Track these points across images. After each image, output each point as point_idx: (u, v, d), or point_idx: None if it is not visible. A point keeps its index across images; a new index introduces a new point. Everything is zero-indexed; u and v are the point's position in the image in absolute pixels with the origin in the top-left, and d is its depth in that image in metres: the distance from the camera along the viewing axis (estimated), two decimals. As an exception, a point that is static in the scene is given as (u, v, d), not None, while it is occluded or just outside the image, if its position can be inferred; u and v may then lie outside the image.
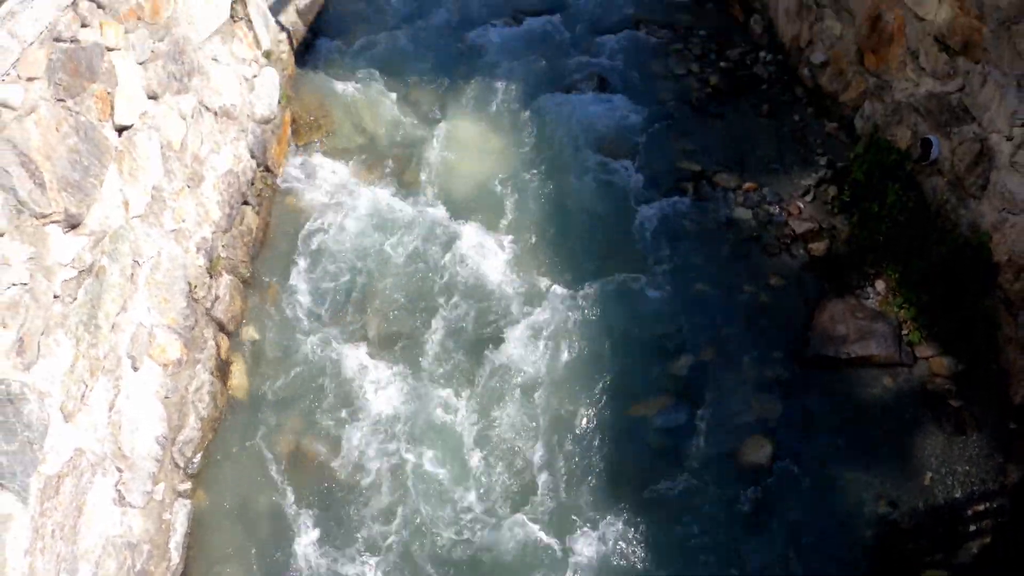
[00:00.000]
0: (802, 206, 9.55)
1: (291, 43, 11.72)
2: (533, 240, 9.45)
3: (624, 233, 9.44)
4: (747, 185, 9.92)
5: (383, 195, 10.00)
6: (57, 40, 6.12)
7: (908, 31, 9.07)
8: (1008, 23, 7.42)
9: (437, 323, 8.63)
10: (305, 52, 12.33)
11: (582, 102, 11.33)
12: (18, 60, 5.60)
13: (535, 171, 10.30)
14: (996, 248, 7.36)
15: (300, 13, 12.44)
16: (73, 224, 6.14)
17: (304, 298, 8.95)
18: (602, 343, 8.33)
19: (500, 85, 11.72)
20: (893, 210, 8.58)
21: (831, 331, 8.12)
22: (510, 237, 9.44)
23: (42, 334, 5.63)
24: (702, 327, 8.46)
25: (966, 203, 7.85)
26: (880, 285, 8.48)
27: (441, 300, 8.80)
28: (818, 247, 9.08)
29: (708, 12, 14.19)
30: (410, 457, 7.58)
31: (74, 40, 6.34)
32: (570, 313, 8.53)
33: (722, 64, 12.36)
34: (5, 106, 5.44)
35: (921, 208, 8.44)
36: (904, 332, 8.00)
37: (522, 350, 8.31)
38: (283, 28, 11.56)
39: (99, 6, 6.84)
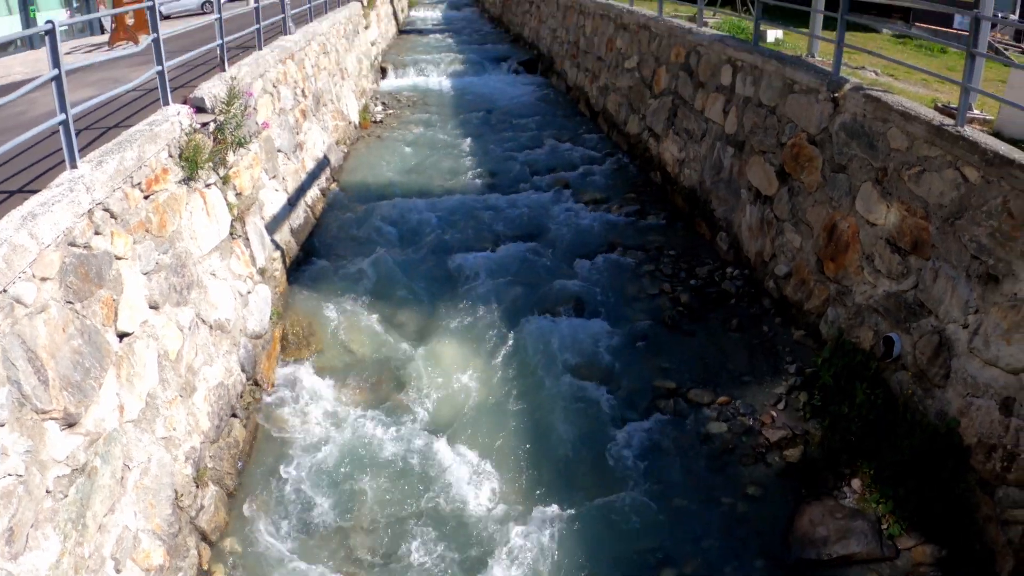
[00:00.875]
0: (775, 415, 9.75)
1: (284, 261, 12.31)
2: (513, 463, 9.47)
3: (603, 454, 9.48)
4: (721, 399, 10.14)
5: (368, 415, 10.08)
6: (72, 245, 6.55)
7: (862, 237, 9.75)
8: (951, 219, 8.08)
9: (420, 547, 8.48)
10: (297, 270, 12.91)
11: (560, 325, 11.74)
12: (34, 260, 5.98)
13: (516, 395, 10.47)
14: (965, 432, 7.58)
15: (294, 232, 13.15)
16: (70, 423, 6.27)
17: (287, 514, 8.83)
18: (584, 563, 8.16)
19: (481, 309, 12.17)
20: (862, 409, 8.80)
21: (811, 534, 8.11)
22: (491, 460, 9.45)
23: (32, 526, 5.63)
24: (683, 541, 8.34)
25: (931, 393, 8.15)
26: (856, 483, 8.54)
27: (424, 523, 8.68)
28: (793, 453, 9.19)
29: (677, 232, 15.10)
30: None
31: (87, 246, 6.78)
32: (551, 535, 8.39)
33: (692, 282, 13.03)
34: (18, 302, 5.74)
35: (889, 403, 8.71)
36: (884, 526, 8.00)
37: (505, 574, 8.21)
38: (277, 246, 12.19)
39: (112, 216, 7.35)
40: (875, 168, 9.72)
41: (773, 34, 15.99)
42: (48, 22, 6.92)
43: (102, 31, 25.59)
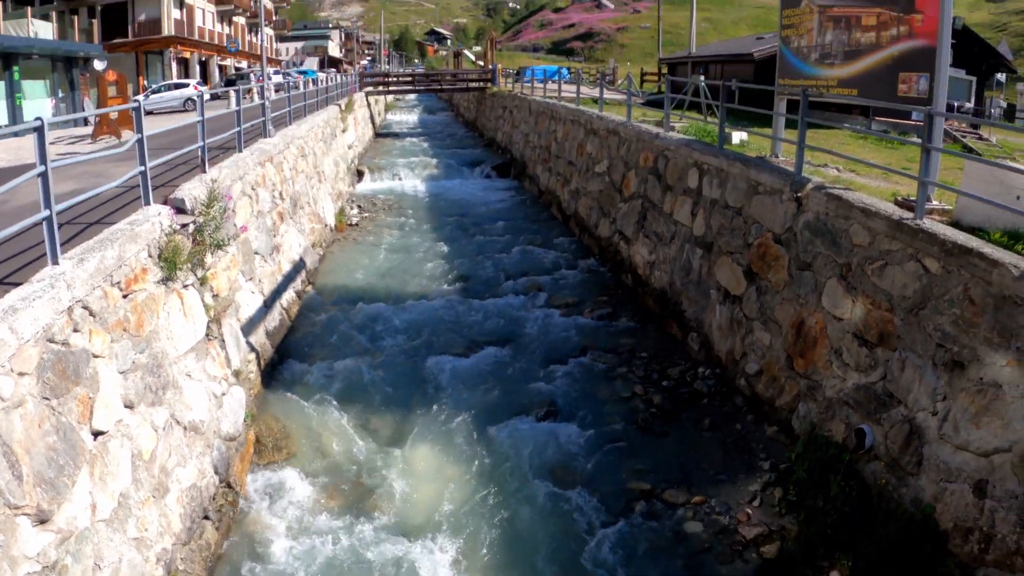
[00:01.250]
0: (750, 512, 9.73)
1: (259, 363, 12.31)
2: (489, 569, 9.33)
3: (578, 558, 9.38)
4: (696, 499, 10.11)
5: (342, 521, 9.96)
6: (50, 341, 6.59)
7: (829, 332, 9.96)
8: (915, 310, 8.33)
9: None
10: (271, 372, 12.88)
11: (534, 430, 11.74)
12: (13, 355, 6.01)
13: (489, 500, 10.40)
14: (941, 517, 7.64)
15: (269, 334, 13.17)
16: (43, 519, 6.20)
17: (259, 622, 8.72)
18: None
19: (455, 414, 12.15)
20: (838, 502, 8.86)
21: (792, 629, 8.11)
22: (467, 566, 9.30)
23: (0, 624, 5.53)
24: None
25: (905, 481, 8.23)
26: (835, 576, 8.57)
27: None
28: (770, 549, 9.15)
29: (649, 333, 15.24)
30: None
31: (65, 343, 6.82)
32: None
33: (664, 383, 13.12)
34: (-4, 396, 5.77)
35: (864, 494, 8.77)
36: (865, 617, 8.00)
37: None
38: (252, 348, 12.20)
39: (91, 314, 7.41)
40: (839, 264, 10.01)
41: (738, 136, 16.56)
42: (37, 119, 7.11)
43: (85, 123, 26.18)
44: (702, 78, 22.82)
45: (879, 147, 17.25)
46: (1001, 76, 39.79)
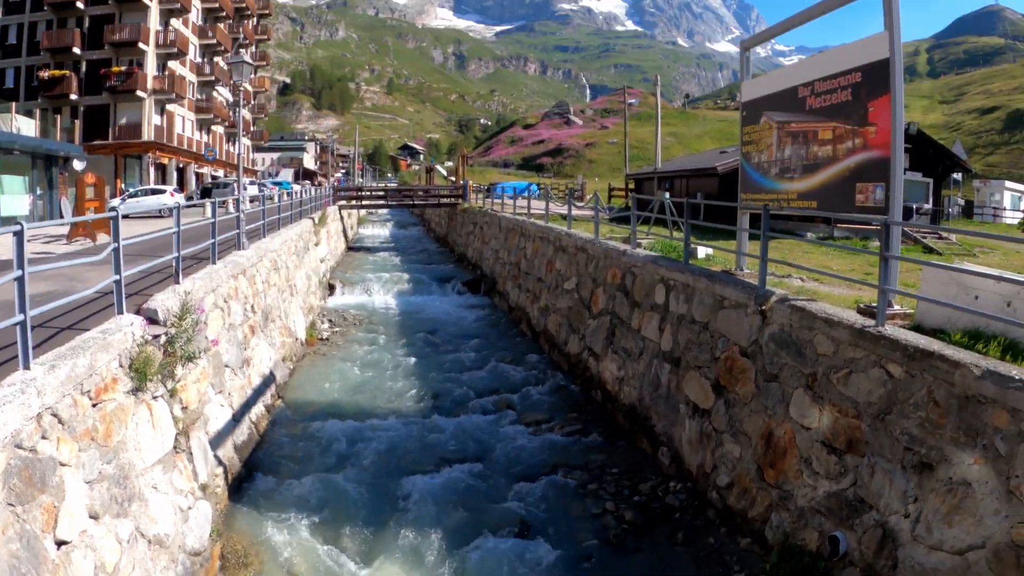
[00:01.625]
0: (726, 629, 9.68)
1: (226, 477, 12.12)
2: None
3: None
4: (671, 615, 10.04)
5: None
6: (18, 447, 6.53)
7: (798, 441, 10.05)
8: (881, 415, 8.47)
9: None
10: (239, 487, 12.67)
11: (505, 548, 11.58)
12: (-18, 461, 5.96)
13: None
14: (919, 619, 7.64)
15: (237, 448, 13.00)
16: (2, 630, 6.05)
17: None
18: None
19: (425, 533, 11.97)
20: (815, 611, 8.84)
21: None
22: None
23: None
24: None
25: (881, 586, 8.23)
26: None
27: None
28: (749, 664, 9.10)
29: (619, 449, 15.22)
30: None
31: (33, 450, 6.76)
32: None
33: (636, 499, 13.04)
34: (-38, 502, 5.68)
35: (842, 603, 8.74)
36: None
37: None
38: (220, 462, 12.04)
39: (60, 421, 7.35)
40: (805, 374, 10.17)
41: (704, 250, 16.93)
42: (18, 223, 7.23)
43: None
44: (667, 195, 23.45)
45: (842, 252, 17.70)
46: (957, 175, 41.16)
